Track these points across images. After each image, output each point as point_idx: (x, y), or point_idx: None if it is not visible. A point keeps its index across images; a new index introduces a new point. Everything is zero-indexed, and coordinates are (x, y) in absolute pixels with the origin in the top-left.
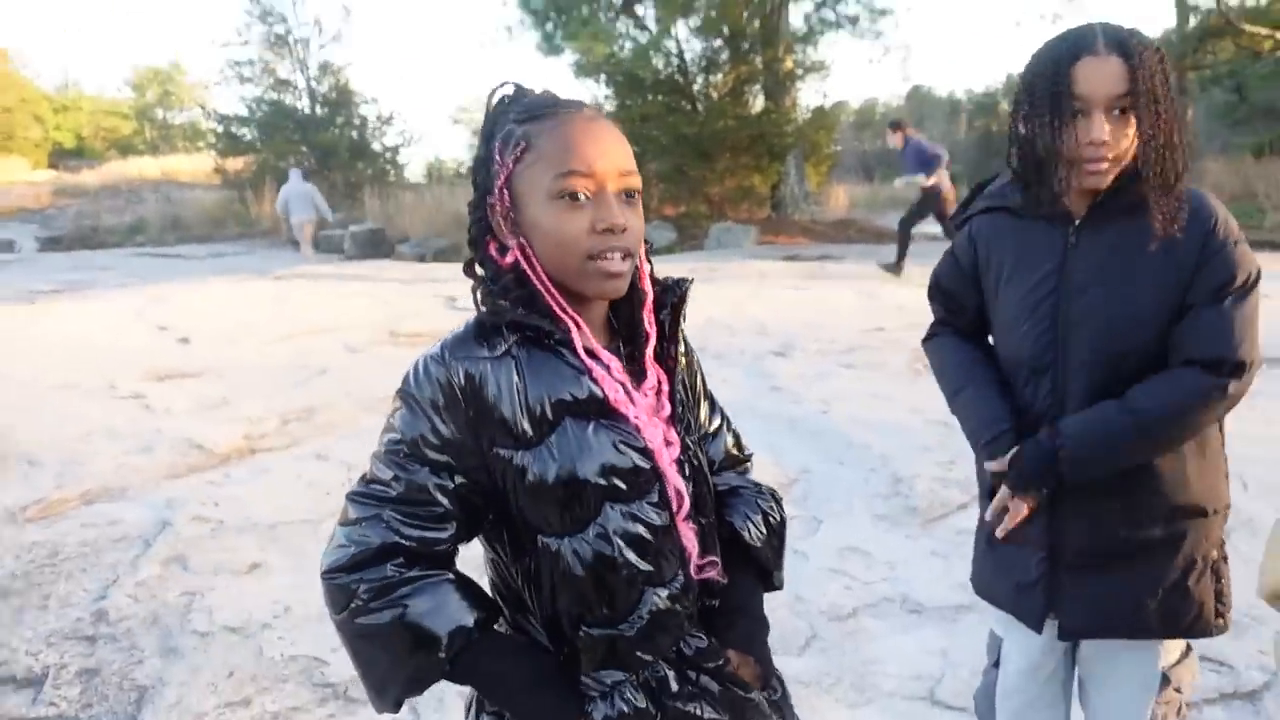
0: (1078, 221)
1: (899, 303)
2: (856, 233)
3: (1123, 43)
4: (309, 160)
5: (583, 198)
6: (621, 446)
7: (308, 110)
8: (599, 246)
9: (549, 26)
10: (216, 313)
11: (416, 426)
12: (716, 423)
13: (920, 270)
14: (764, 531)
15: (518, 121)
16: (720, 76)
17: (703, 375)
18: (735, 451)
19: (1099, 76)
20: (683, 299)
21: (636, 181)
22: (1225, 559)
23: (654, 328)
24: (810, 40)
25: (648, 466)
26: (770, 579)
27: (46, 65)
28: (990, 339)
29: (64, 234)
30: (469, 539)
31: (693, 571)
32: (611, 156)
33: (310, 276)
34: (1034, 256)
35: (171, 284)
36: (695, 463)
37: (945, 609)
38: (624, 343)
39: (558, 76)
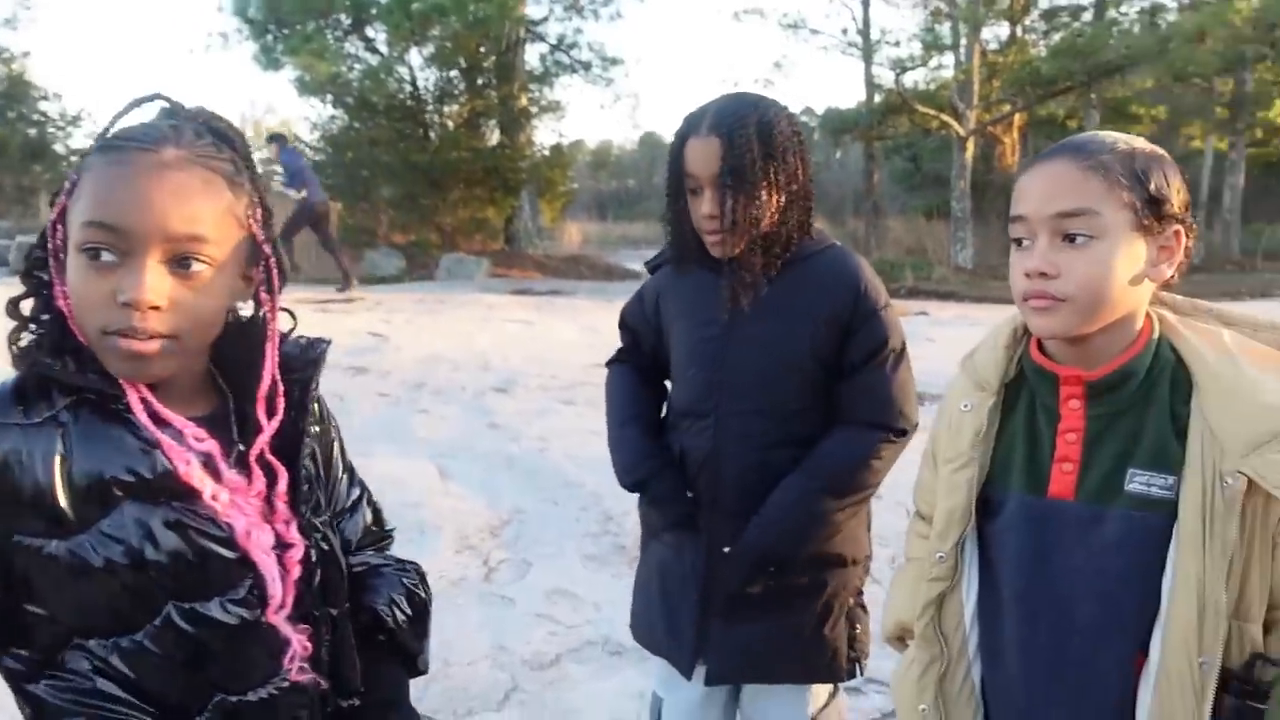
0: (730, 277)
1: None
2: (588, 269)
3: (720, 123)
4: None
5: (106, 255)
6: (194, 534)
7: None
8: (117, 323)
9: (268, 39)
10: None
11: None
12: (355, 495)
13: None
14: (408, 613)
15: (100, 146)
16: (455, 108)
17: (342, 444)
18: (375, 527)
19: (700, 156)
20: (315, 365)
21: (202, 248)
22: (863, 606)
23: (276, 416)
24: (546, 81)
25: (232, 557)
26: (415, 663)
27: None
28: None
29: None
30: None
31: (298, 670)
32: (158, 211)
33: None
34: (698, 306)
35: None
36: (324, 547)
37: (643, 649)
38: (238, 420)
39: (280, 90)
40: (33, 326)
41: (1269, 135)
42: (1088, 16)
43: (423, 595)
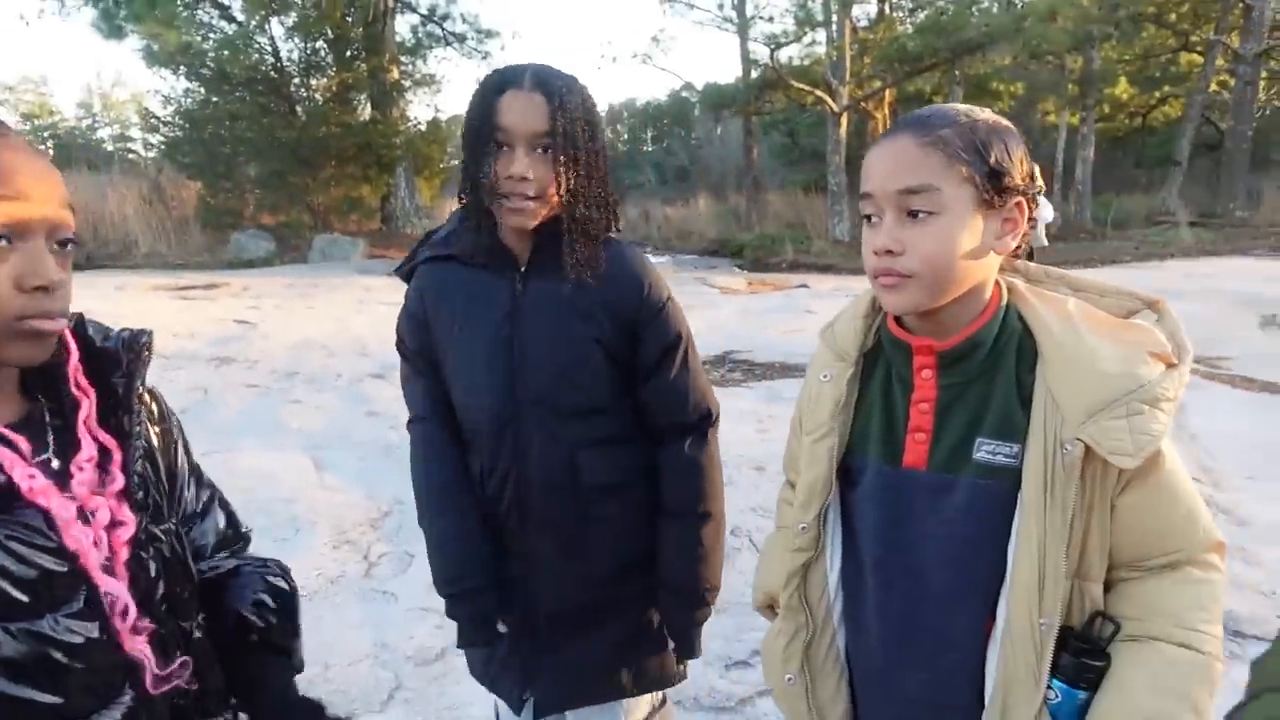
0: (523, 268)
1: None
2: None
3: (547, 82)
4: None
5: (3, 242)
6: (19, 547)
7: None
8: (30, 308)
9: (110, 4)
10: None
11: None
12: (204, 499)
13: None
14: (274, 609)
15: None
16: (324, 81)
17: (186, 446)
18: (229, 530)
19: (519, 109)
20: (138, 357)
21: (72, 221)
22: None
23: (89, 391)
24: (418, 53)
25: (63, 570)
26: (290, 661)
27: None
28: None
29: None
30: None
31: (150, 685)
32: (47, 184)
33: None
34: (484, 306)
35: None
36: (169, 554)
37: None
38: (51, 412)
39: (125, 62)
40: None
41: (1115, 111)
42: None
43: (288, 588)
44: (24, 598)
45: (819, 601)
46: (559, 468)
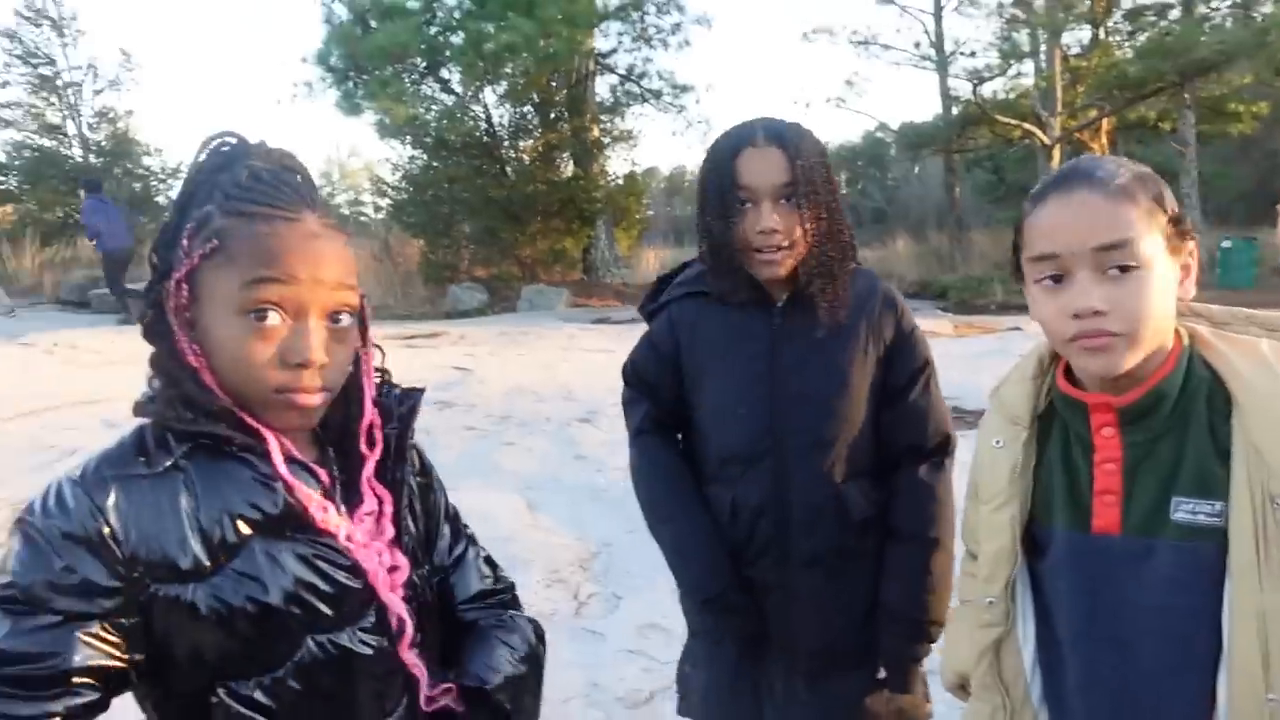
0: (780, 304)
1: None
2: None
3: (781, 135)
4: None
5: (275, 318)
6: (323, 565)
7: (80, 159)
8: (292, 382)
9: (349, 85)
10: None
11: (39, 569)
12: (459, 551)
13: None
14: (513, 679)
15: (221, 209)
16: (530, 142)
17: (445, 497)
18: (486, 584)
19: (760, 167)
20: (412, 412)
21: (352, 299)
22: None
23: (377, 446)
24: (617, 111)
25: (358, 587)
26: None
27: None
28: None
29: None
30: (104, 704)
31: (423, 704)
32: (324, 265)
33: (69, 345)
34: (742, 340)
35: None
36: (425, 598)
37: None
38: (337, 455)
39: (361, 133)
40: (157, 381)
41: None
42: (1175, 14)
43: (527, 651)
44: (330, 611)
45: (1015, 680)
46: (824, 501)
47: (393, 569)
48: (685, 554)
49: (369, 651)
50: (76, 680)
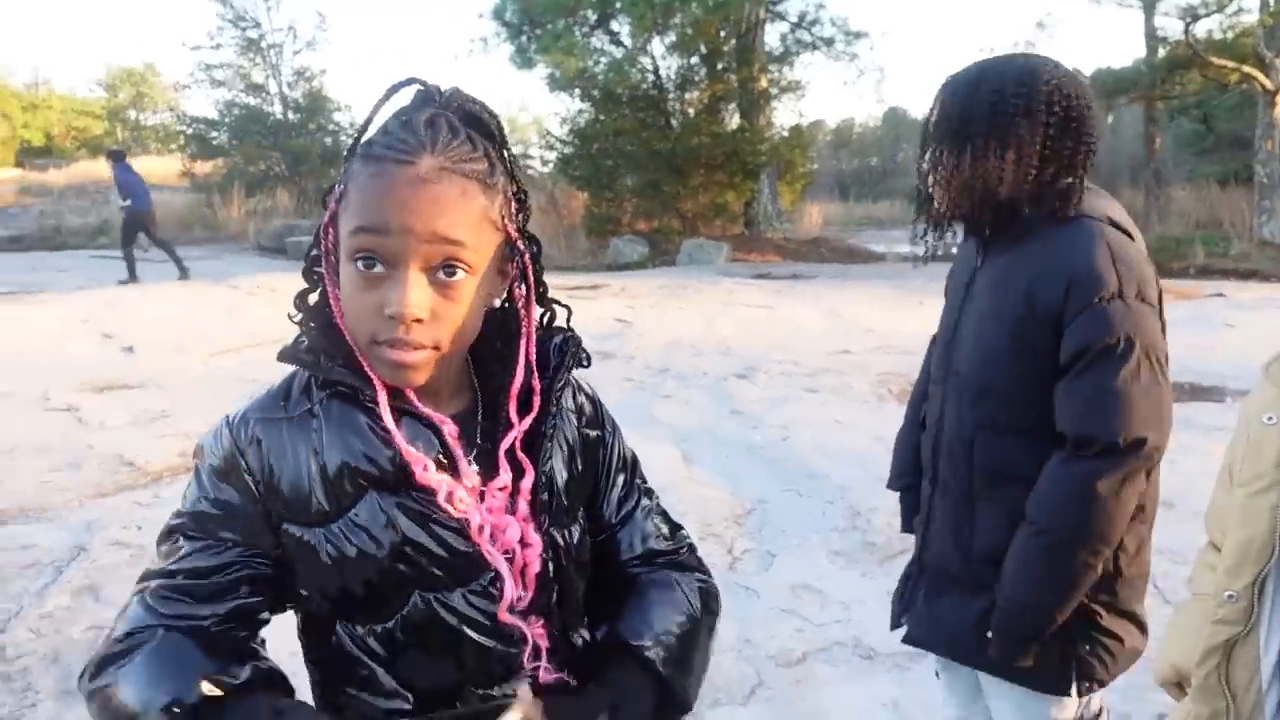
0: (986, 239)
1: (867, 325)
2: (829, 251)
3: (946, 84)
4: (281, 165)
5: (378, 267)
6: (434, 525)
7: (280, 116)
8: (386, 333)
9: (523, 39)
10: (167, 321)
11: (201, 496)
12: (629, 507)
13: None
14: (675, 651)
15: (360, 154)
16: (696, 94)
17: (623, 447)
18: (658, 543)
19: (933, 111)
20: (563, 362)
21: (461, 256)
22: (1107, 631)
23: (531, 413)
24: (786, 60)
25: (467, 550)
26: (677, 705)
27: (16, 62)
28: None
29: (26, 233)
30: (269, 612)
31: (540, 675)
32: (419, 225)
33: (269, 288)
34: (958, 273)
35: (125, 289)
36: (565, 560)
37: (898, 655)
38: (486, 416)
39: (532, 88)
40: (308, 324)
41: None
42: None
43: (693, 616)
44: (439, 571)
45: (1246, 688)
46: (961, 443)
47: (524, 544)
48: (896, 445)
49: (477, 615)
50: (241, 590)
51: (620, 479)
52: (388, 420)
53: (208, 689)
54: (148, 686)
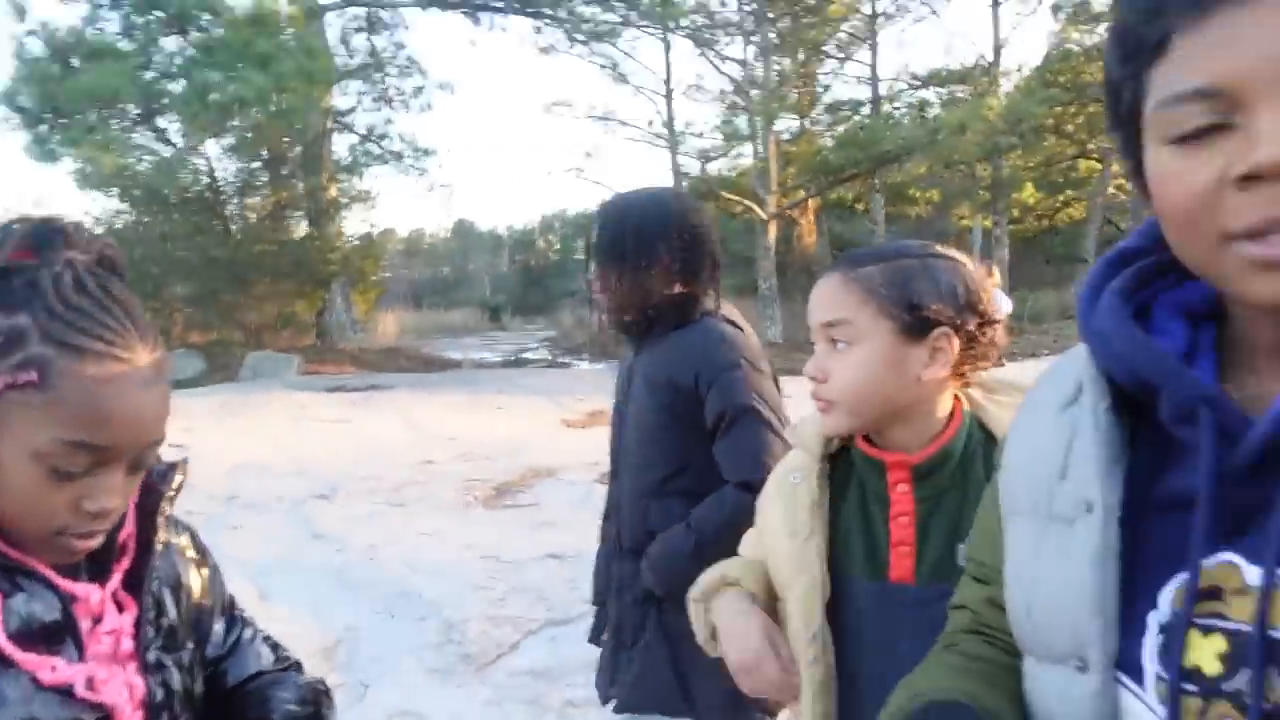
0: (636, 342)
1: (449, 433)
2: (406, 360)
3: (599, 211)
4: None
5: (76, 471)
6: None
7: None
8: (78, 527)
9: (43, 129)
10: None
11: None
12: (235, 635)
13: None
14: (289, 710)
15: (42, 330)
16: (259, 199)
17: (221, 581)
18: (265, 663)
19: (590, 237)
20: (164, 492)
21: (153, 456)
22: None
23: (126, 556)
24: (355, 171)
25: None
26: None
27: None
28: None
29: None
30: None
31: None
32: (149, 427)
33: None
34: (621, 374)
35: None
36: (176, 686)
37: None
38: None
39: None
40: None
41: (1023, 214)
42: (866, 110)
43: (315, 695)
44: None
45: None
46: (638, 515)
47: (131, 685)
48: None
49: None
50: None
51: (220, 608)
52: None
53: None
54: None
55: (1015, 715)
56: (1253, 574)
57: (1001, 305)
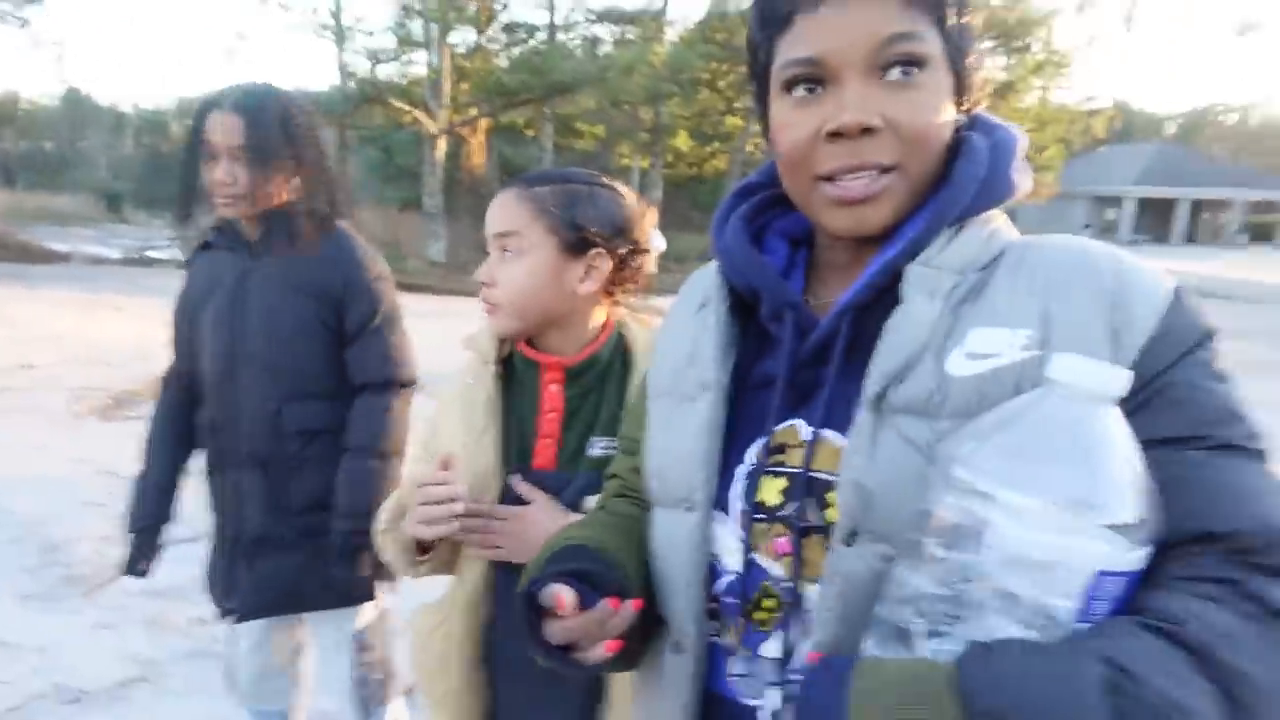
0: (251, 246)
1: (55, 332)
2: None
3: (239, 102)
4: None
5: None
6: None
7: None
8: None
9: None
10: None
11: None
12: None
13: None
14: None
15: None
16: None
17: None
18: None
19: (222, 130)
20: None
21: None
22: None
23: None
24: None
25: None
26: None
27: None
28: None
29: None
30: None
31: None
32: None
33: None
34: (219, 282)
35: None
36: None
37: (112, 688)
38: None
39: None
40: None
41: (677, 160)
42: (542, 36)
43: None
44: None
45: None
46: (264, 417)
47: None
48: (135, 491)
49: None
50: None
51: None
52: None
53: None
54: None
55: (632, 553)
56: (807, 432)
57: (656, 242)
